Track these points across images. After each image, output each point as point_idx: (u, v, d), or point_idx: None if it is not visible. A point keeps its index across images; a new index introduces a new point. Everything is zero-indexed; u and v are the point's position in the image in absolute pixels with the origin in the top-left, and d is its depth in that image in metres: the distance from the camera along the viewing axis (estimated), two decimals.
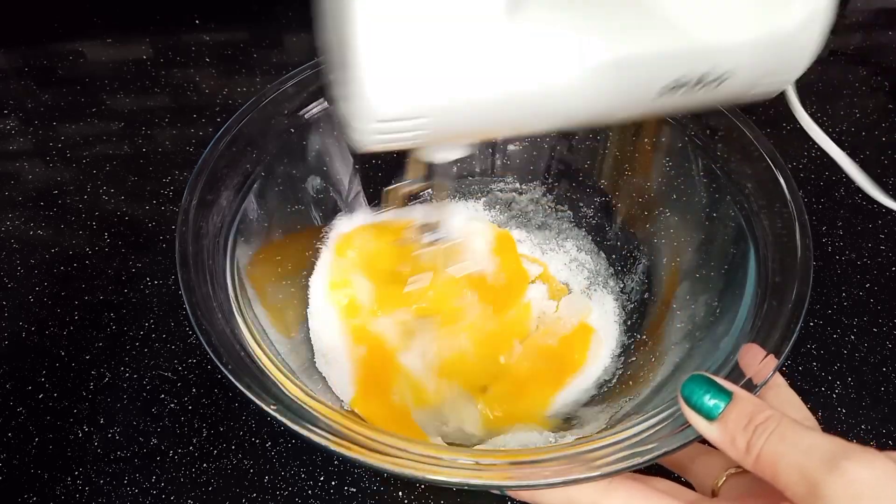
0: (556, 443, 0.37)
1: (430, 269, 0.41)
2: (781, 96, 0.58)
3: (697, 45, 0.23)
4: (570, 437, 0.36)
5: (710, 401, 0.26)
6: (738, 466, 0.28)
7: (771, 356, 0.29)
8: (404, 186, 0.37)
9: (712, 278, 0.38)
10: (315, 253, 0.43)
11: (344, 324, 0.42)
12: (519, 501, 0.29)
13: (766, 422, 0.24)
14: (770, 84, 0.26)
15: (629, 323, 0.43)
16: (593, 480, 0.26)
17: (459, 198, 0.48)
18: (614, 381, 0.40)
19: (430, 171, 0.33)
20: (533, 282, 0.45)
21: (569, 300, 0.44)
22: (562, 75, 0.23)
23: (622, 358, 0.41)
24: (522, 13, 0.22)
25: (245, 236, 0.37)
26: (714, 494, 0.28)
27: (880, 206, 0.51)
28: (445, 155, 0.28)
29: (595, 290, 0.45)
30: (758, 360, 0.30)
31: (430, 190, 0.39)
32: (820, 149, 0.54)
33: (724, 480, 0.28)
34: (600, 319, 0.43)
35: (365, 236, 0.43)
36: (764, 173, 0.36)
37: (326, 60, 0.27)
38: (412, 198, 0.43)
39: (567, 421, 0.39)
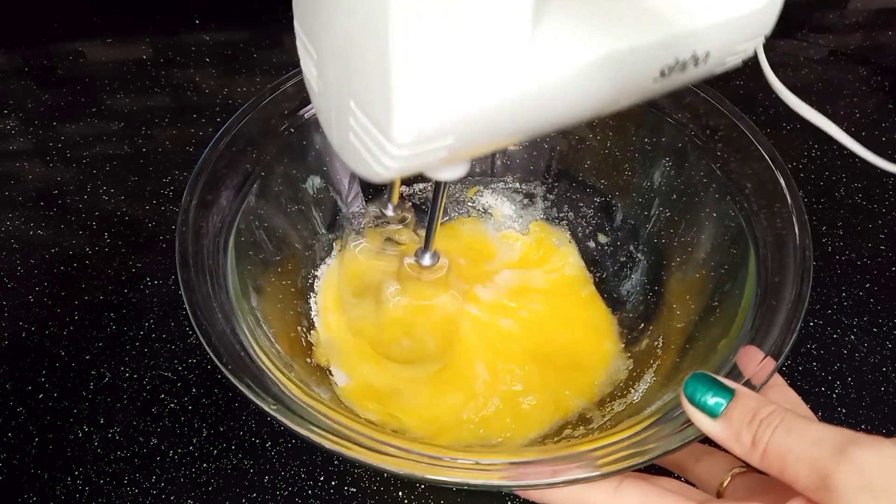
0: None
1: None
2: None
3: (684, 30, 0.24)
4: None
5: (712, 399, 0.26)
6: (743, 466, 0.28)
7: (770, 357, 0.29)
8: (386, 211, 0.38)
9: (712, 278, 0.38)
10: (315, 253, 0.43)
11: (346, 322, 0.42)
12: (528, 501, 0.28)
13: (770, 416, 0.24)
14: (744, 52, 0.27)
15: (630, 323, 0.43)
16: (593, 480, 0.26)
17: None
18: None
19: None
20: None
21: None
22: (574, 76, 0.23)
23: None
24: (540, 24, 0.22)
25: (245, 236, 0.37)
26: (719, 495, 0.28)
27: (880, 205, 0.51)
28: (454, 173, 0.27)
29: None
30: (757, 361, 0.30)
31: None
32: (820, 148, 0.54)
33: (730, 481, 0.28)
34: None
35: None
36: (764, 173, 0.36)
37: (320, 102, 0.26)
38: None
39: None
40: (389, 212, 0.39)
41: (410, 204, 0.45)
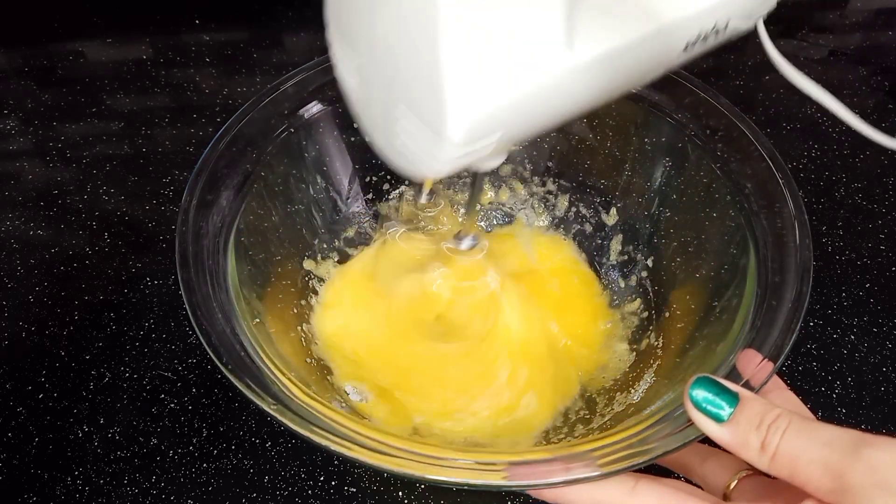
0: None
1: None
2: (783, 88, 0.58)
3: (709, 4, 0.26)
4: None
5: (717, 404, 0.26)
6: (749, 469, 0.28)
7: (769, 358, 0.29)
8: (420, 198, 0.38)
9: (712, 278, 0.38)
10: (315, 253, 0.43)
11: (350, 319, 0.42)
12: (543, 501, 0.28)
13: (777, 420, 0.24)
14: (760, 15, 0.29)
15: (630, 323, 0.43)
16: (594, 480, 0.26)
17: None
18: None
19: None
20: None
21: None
22: (609, 59, 0.24)
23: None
24: (574, 16, 0.23)
25: (245, 236, 0.37)
26: (725, 497, 0.28)
27: (880, 205, 0.51)
28: (494, 164, 0.28)
29: None
30: (756, 363, 0.29)
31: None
32: (820, 149, 0.54)
33: (737, 483, 0.28)
34: None
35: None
36: (764, 173, 0.36)
37: (363, 108, 0.26)
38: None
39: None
40: (423, 199, 0.40)
41: (442, 189, 0.46)
